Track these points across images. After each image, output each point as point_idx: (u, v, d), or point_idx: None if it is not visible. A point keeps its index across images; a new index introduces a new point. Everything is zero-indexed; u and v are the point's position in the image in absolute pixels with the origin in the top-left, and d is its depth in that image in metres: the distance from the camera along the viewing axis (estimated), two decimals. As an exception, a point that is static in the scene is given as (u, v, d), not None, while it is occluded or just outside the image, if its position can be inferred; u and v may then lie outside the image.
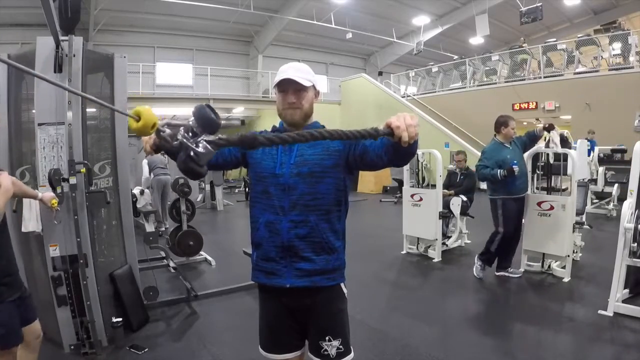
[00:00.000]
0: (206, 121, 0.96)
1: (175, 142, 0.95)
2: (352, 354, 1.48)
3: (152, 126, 0.88)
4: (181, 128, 0.96)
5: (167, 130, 0.92)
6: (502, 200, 3.92)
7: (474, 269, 4.15)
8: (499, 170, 3.79)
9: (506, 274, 4.11)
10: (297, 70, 1.39)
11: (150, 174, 6.73)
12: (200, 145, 0.95)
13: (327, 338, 1.43)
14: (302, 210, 1.37)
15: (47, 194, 2.31)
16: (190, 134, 0.95)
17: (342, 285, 1.50)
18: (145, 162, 6.91)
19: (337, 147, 1.39)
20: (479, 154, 4.21)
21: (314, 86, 1.44)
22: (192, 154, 0.94)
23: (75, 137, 2.56)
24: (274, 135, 1.00)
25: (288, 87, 1.39)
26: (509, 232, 3.95)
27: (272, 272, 1.42)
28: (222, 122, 1.03)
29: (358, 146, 1.36)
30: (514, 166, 3.76)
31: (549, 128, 4.04)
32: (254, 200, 1.46)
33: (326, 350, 1.43)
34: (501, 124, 3.99)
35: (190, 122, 0.96)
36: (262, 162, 1.42)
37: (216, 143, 0.98)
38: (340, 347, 1.44)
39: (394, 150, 1.23)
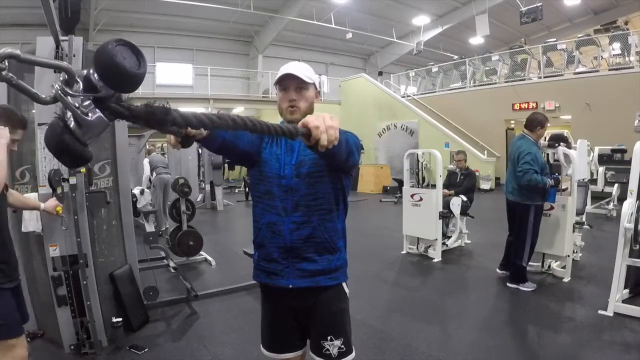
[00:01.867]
0: (110, 66, 0.59)
1: (45, 97, 0.61)
2: (353, 354, 1.48)
3: None
4: (60, 75, 0.61)
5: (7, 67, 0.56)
6: (535, 207, 3.70)
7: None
8: (548, 180, 3.59)
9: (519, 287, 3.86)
10: (298, 68, 1.40)
11: (152, 173, 6.73)
12: (90, 110, 0.63)
13: (329, 338, 1.43)
14: (304, 211, 1.37)
15: (48, 203, 2.29)
16: (81, 88, 0.62)
17: (344, 284, 1.50)
18: (146, 161, 6.92)
19: None
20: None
21: (314, 85, 1.44)
22: (71, 123, 0.62)
23: (75, 137, 2.55)
24: (192, 114, 0.77)
25: (289, 83, 1.38)
26: (536, 240, 3.77)
27: (274, 272, 1.42)
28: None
29: None
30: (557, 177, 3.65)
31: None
32: (256, 200, 1.46)
33: (328, 349, 1.43)
34: (538, 122, 3.72)
35: (89, 72, 0.63)
36: (268, 162, 1.41)
37: (113, 110, 0.64)
38: (342, 346, 1.44)
39: (317, 154, 1.13)
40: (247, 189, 10.87)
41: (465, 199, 5.34)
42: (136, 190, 6.26)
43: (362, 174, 12.61)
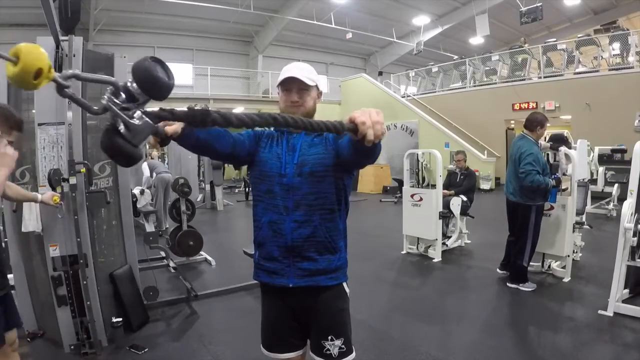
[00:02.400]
0: (149, 79, 0.71)
1: (96, 108, 0.70)
2: (353, 354, 1.48)
3: (36, 74, 0.61)
4: (108, 88, 0.70)
5: (70, 88, 0.65)
6: (536, 207, 3.70)
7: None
8: (550, 180, 3.60)
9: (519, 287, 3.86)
10: (301, 70, 1.40)
11: (151, 174, 6.73)
12: (136, 116, 0.71)
13: (329, 337, 1.43)
14: (306, 210, 1.37)
15: (45, 194, 2.30)
16: (125, 98, 0.70)
17: (345, 284, 1.50)
18: (145, 164, 6.91)
19: (333, 145, 1.39)
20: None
21: (316, 86, 1.44)
22: (121, 127, 0.70)
23: (75, 137, 2.56)
24: (233, 113, 0.84)
25: (292, 85, 1.39)
26: (537, 240, 3.78)
27: (275, 271, 1.42)
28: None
29: (337, 144, 1.35)
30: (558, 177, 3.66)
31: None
32: (256, 199, 1.46)
33: (328, 349, 1.43)
34: (538, 122, 3.72)
35: (128, 83, 0.71)
36: (268, 161, 1.42)
37: (157, 115, 0.74)
38: (343, 346, 1.44)
39: (354, 150, 1.15)
40: (247, 189, 10.87)
41: (465, 199, 5.34)
42: (136, 190, 6.26)
43: (362, 174, 12.60)
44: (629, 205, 3.10)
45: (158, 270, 4.10)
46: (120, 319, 2.80)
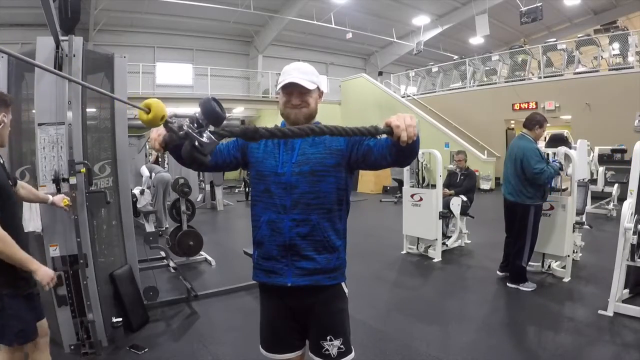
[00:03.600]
0: (212, 114, 1.00)
1: (181, 133, 0.99)
2: (352, 354, 1.48)
3: (161, 118, 0.93)
4: (187, 119, 1.00)
5: (175, 122, 0.99)
6: (535, 207, 3.73)
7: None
8: (556, 163, 3.73)
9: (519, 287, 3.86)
10: (302, 73, 1.40)
11: (151, 174, 6.73)
12: (205, 135, 1.00)
13: (328, 338, 1.43)
14: (303, 209, 1.38)
15: (57, 196, 2.33)
16: (196, 125, 1.00)
17: (343, 284, 1.50)
18: (144, 166, 6.91)
19: (339, 146, 1.40)
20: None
21: (318, 87, 1.44)
22: (196, 143, 0.98)
23: (75, 137, 2.56)
24: (276, 128, 1.03)
25: (293, 89, 1.39)
26: (535, 240, 3.79)
27: (274, 271, 1.42)
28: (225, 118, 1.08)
29: (362, 146, 1.37)
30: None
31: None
32: (255, 199, 1.46)
33: (327, 349, 1.43)
34: (537, 122, 3.77)
35: (197, 114, 1.00)
36: (264, 161, 1.42)
37: (219, 133, 1.03)
38: (342, 346, 1.44)
39: (397, 150, 1.24)
40: (247, 189, 10.87)
41: (465, 199, 5.34)
42: (136, 190, 6.26)
43: (362, 174, 12.60)
44: (629, 205, 3.10)
45: (158, 270, 4.10)
46: (120, 319, 2.80)
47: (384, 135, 1.16)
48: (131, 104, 1.03)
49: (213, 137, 1.01)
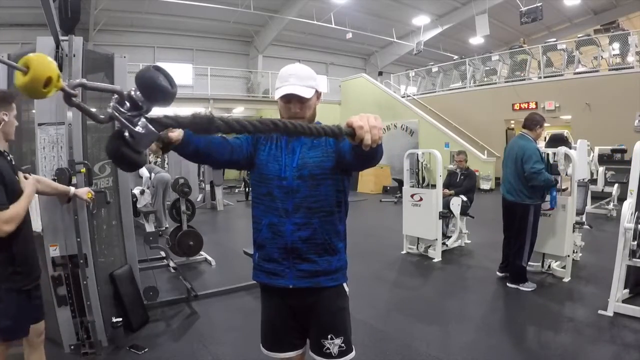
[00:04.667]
0: (152, 87, 0.73)
1: (102, 117, 0.71)
2: (353, 353, 1.48)
3: (46, 82, 0.63)
4: (113, 97, 0.71)
5: (78, 95, 0.67)
6: (534, 207, 3.74)
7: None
8: (554, 177, 3.71)
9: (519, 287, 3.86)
10: (299, 78, 1.37)
11: (151, 174, 6.73)
12: (140, 123, 0.73)
13: (329, 336, 1.43)
14: (305, 212, 1.37)
15: (81, 189, 2.33)
16: (129, 106, 0.72)
17: (345, 285, 1.50)
18: (144, 167, 6.90)
19: (333, 148, 1.39)
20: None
21: (315, 90, 1.42)
22: (126, 134, 0.72)
23: (75, 137, 2.56)
24: (235, 120, 0.84)
25: (291, 97, 1.37)
26: (535, 240, 3.80)
27: (275, 272, 1.43)
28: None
29: (338, 147, 1.35)
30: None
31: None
32: (256, 201, 1.46)
33: (328, 348, 1.43)
34: (537, 122, 3.80)
35: (132, 91, 0.73)
36: (267, 164, 1.42)
37: (161, 122, 0.75)
38: (342, 345, 1.44)
39: (356, 153, 1.17)
40: (247, 189, 10.86)
41: (465, 199, 5.34)
42: (136, 190, 6.26)
43: (362, 174, 12.59)
44: (629, 205, 3.10)
45: (158, 270, 4.10)
46: (120, 319, 2.80)
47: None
48: (5, 61, 0.72)
49: (151, 127, 0.73)
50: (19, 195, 1.73)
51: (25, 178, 1.89)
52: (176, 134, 1.18)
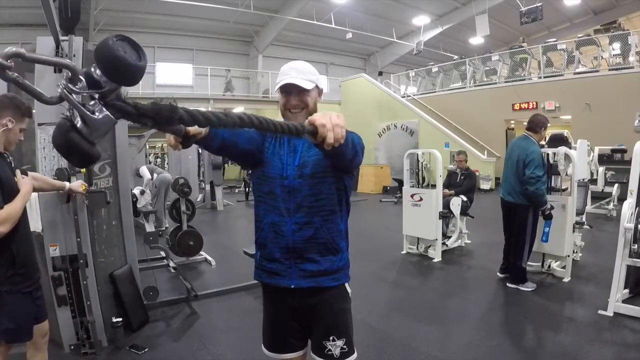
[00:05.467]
0: (112, 60, 0.60)
1: (50, 97, 0.61)
2: (355, 354, 1.47)
3: None
4: (66, 73, 0.60)
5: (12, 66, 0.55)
6: (533, 208, 3.71)
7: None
8: (549, 203, 3.67)
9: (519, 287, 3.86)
10: (299, 72, 1.38)
11: (152, 175, 6.73)
12: (96, 108, 0.62)
13: (331, 338, 1.42)
14: (307, 212, 1.37)
15: (75, 182, 2.34)
16: (85, 85, 0.61)
17: (347, 284, 1.49)
18: (144, 167, 6.90)
19: None
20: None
21: (316, 85, 1.42)
22: (78, 122, 0.61)
23: (75, 137, 2.56)
24: (198, 111, 0.75)
25: (291, 89, 1.37)
26: (534, 240, 3.79)
27: (277, 272, 1.42)
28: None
29: None
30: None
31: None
32: (258, 200, 1.45)
33: (330, 350, 1.42)
34: (542, 124, 3.76)
35: (92, 69, 0.63)
36: (271, 162, 1.41)
37: (120, 108, 0.64)
38: (344, 347, 1.43)
39: (323, 153, 1.14)
40: (247, 189, 10.86)
41: (465, 199, 5.34)
42: (136, 190, 6.26)
43: (362, 174, 12.61)
44: (629, 205, 3.10)
45: (158, 270, 4.10)
46: (120, 319, 2.80)
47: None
48: None
49: (108, 113, 0.63)
50: (13, 191, 1.72)
51: (26, 174, 1.89)
52: (195, 127, 1.05)
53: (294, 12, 15.64)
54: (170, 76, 16.63)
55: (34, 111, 2.62)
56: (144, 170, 6.79)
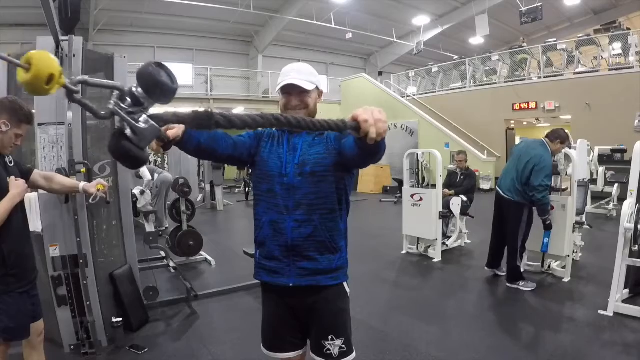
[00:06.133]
0: (154, 84, 0.73)
1: (104, 112, 0.71)
2: (354, 354, 1.48)
3: (48, 79, 0.63)
4: (114, 93, 0.72)
5: (79, 91, 0.67)
6: (529, 206, 3.75)
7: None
8: (549, 216, 3.74)
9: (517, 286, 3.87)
10: (300, 73, 1.40)
11: (153, 175, 6.73)
12: (142, 119, 0.73)
13: (329, 337, 1.43)
14: (306, 209, 1.37)
15: (90, 183, 2.25)
16: (130, 102, 0.72)
17: (345, 284, 1.50)
18: (144, 168, 6.89)
19: (335, 145, 1.39)
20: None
21: (317, 87, 1.44)
22: (128, 131, 0.73)
23: (75, 137, 2.56)
24: (235, 115, 0.85)
25: (292, 90, 1.39)
26: (527, 238, 3.81)
27: (275, 270, 1.42)
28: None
29: (340, 144, 1.34)
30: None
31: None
32: (258, 198, 1.46)
33: (329, 349, 1.43)
34: (560, 137, 3.76)
35: (133, 87, 0.74)
36: (269, 160, 1.42)
37: (163, 118, 0.76)
38: (343, 346, 1.44)
39: (359, 148, 1.15)
40: (247, 189, 10.86)
41: (465, 199, 5.34)
42: (136, 190, 6.25)
43: (362, 174, 12.60)
44: (629, 205, 3.10)
45: (158, 270, 4.10)
46: (120, 319, 2.80)
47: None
48: (7, 58, 0.68)
49: (153, 123, 0.74)
50: (3, 193, 1.70)
51: (29, 172, 1.87)
52: (174, 131, 1.16)
53: (294, 12, 15.63)
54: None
55: (33, 111, 2.63)
56: (145, 171, 6.79)
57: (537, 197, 3.61)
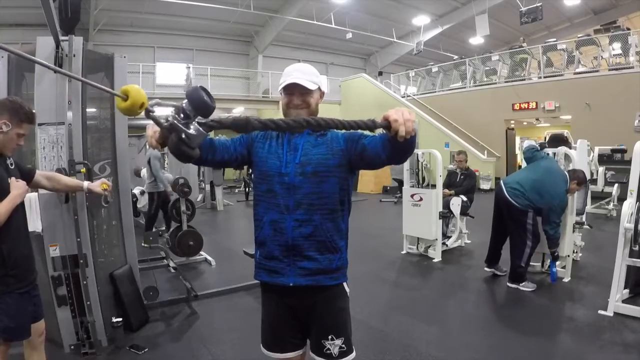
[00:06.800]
0: (199, 103, 0.95)
1: (166, 124, 0.94)
2: (354, 353, 1.48)
3: (140, 105, 0.87)
4: (172, 109, 0.96)
5: (158, 111, 0.92)
6: (533, 212, 3.73)
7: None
8: (558, 248, 3.84)
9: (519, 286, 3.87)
10: (303, 73, 1.41)
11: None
12: (192, 127, 0.96)
13: (329, 337, 1.43)
14: (306, 209, 1.38)
15: (94, 182, 2.27)
16: (182, 116, 0.96)
17: (345, 284, 1.50)
18: (145, 169, 6.90)
19: (340, 146, 1.40)
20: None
21: (319, 87, 1.45)
22: (183, 136, 0.95)
23: (75, 137, 2.56)
24: (269, 119, 1.01)
25: (294, 89, 1.40)
26: (537, 242, 3.80)
27: (275, 270, 1.43)
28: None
29: (358, 145, 1.37)
30: None
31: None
32: (258, 198, 1.46)
33: (329, 349, 1.43)
34: (578, 177, 3.83)
35: (183, 104, 0.96)
36: (267, 160, 1.42)
37: (208, 125, 1.00)
38: (343, 346, 1.44)
39: (391, 146, 1.22)
40: (247, 189, 10.87)
41: (465, 199, 5.34)
42: (136, 191, 6.26)
43: (362, 173, 12.60)
44: (629, 205, 3.10)
45: (158, 270, 4.10)
46: (120, 319, 2.80)
47: (381, 130, 1.13)
48: (108, 90, 1.01)
49: (201, 129, 0.98)
50: (4, 194, 1.70)
51: (31, 173, 1.87)
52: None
53: (294, 12, 15.64)
54: (170, 76, 16.63)
55: (33, 111, 2.63)
56: (144, 171, 6.79)
57: (550, 232, 3.72)
